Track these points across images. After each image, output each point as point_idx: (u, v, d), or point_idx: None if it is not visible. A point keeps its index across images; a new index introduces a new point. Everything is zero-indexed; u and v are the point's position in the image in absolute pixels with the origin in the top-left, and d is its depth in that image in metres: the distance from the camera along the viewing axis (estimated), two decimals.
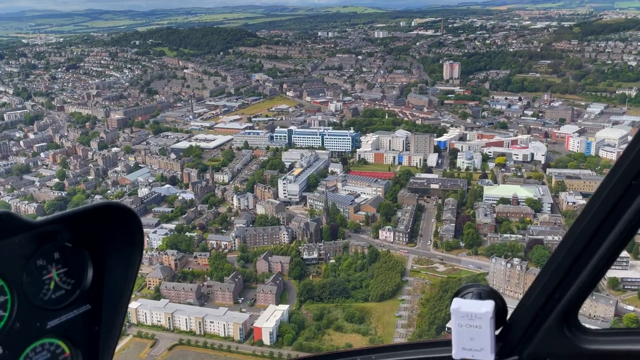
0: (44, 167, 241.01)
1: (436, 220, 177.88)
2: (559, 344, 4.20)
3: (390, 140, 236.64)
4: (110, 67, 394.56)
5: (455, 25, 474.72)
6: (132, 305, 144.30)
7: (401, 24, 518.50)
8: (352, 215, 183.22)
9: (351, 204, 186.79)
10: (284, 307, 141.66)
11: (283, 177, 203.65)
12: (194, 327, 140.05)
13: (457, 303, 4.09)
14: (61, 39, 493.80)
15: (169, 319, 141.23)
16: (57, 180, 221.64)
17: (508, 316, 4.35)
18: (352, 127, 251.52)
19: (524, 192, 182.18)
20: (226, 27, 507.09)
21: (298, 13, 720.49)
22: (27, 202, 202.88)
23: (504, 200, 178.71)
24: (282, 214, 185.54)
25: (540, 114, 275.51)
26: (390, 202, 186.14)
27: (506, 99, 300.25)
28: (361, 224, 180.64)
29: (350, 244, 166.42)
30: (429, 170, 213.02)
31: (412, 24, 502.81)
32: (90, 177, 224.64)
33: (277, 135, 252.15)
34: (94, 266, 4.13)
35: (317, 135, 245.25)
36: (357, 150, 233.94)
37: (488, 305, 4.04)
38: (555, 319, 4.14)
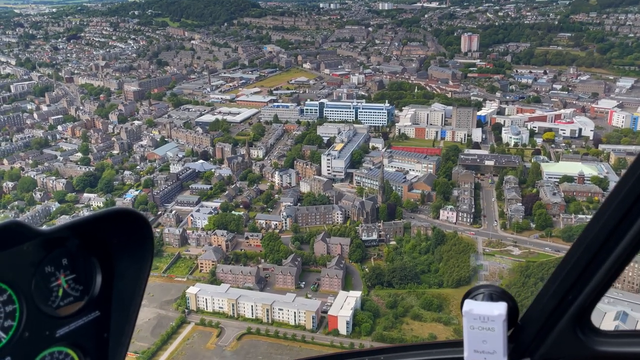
0: (64, 140, 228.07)
1: (497, 200, 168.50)
2: (572, 346, 4.15)
3: (428, 114, 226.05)
4: (113, 37, 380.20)
5: None
6: (191, 290, 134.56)
7: None
8: (406, 193, 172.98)
9: (404, 181, 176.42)
10: (357, 294, 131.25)
11: (326, 153, 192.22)
12: (260, 315, 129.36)
13: (469, 305, 4.01)
14: (54, 10, 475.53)
15: (232, 306, 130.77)
16: (80, 154, 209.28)
17: (520, 317, 4.32)
18: (386, 101, 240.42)
19: (587, 169, 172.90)
20: None
21: None
22: (54, 177, 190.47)
23: (567, 178, 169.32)
24: (331, 192, 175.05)
25: (570, 88, 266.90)
26: (445, 179, 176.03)
27: (530, 72, 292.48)
28: (417, 202, 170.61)
29: (412, 224, 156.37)
30: (475, 145, 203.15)
31: None
32: (115, 152, 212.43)
33: (307, 109, 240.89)
34: (103, 272, 4.08)
35: (350, 108, 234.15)
36: (397, 124, 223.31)
37: (501, 308, 3.97)
38: (568, 320, 4.09)
